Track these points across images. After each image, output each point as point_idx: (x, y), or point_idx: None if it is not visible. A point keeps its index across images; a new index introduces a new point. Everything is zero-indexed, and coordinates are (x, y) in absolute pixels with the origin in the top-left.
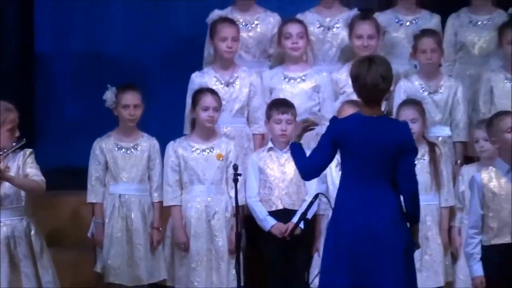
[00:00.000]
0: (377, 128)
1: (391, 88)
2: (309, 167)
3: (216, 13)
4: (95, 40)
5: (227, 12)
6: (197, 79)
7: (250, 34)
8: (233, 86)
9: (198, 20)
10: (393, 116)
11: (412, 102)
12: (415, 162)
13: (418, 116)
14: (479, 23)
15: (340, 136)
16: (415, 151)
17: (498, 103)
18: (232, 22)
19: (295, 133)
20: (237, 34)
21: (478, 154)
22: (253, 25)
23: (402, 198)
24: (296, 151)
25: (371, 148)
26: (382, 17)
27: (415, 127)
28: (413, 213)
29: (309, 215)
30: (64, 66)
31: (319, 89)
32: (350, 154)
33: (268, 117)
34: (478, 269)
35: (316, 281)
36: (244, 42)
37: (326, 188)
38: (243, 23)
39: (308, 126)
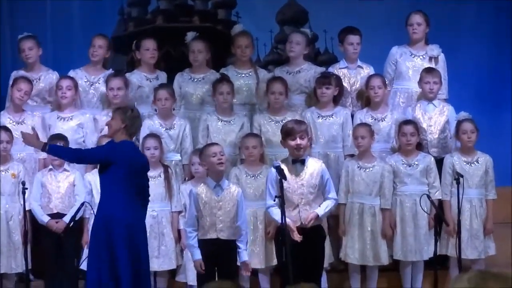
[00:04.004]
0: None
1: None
2: (80, 154)
3: (14, 73)
4: None
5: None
6: None
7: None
8: (23, 124)
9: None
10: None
11: (152, 136)
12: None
13: (157, 145)
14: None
15: (116, 155)
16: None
17: (213, 138)
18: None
19: None
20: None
21: (193, 173)
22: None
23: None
24: (56, 148)
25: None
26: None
27: (156, 153)
28: None
29: (77, 217)
30: None
31: (82, 126)
32: (123, 168)
33: None
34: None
35: (84, 265)
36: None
37: (91, 198)
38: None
39: None
